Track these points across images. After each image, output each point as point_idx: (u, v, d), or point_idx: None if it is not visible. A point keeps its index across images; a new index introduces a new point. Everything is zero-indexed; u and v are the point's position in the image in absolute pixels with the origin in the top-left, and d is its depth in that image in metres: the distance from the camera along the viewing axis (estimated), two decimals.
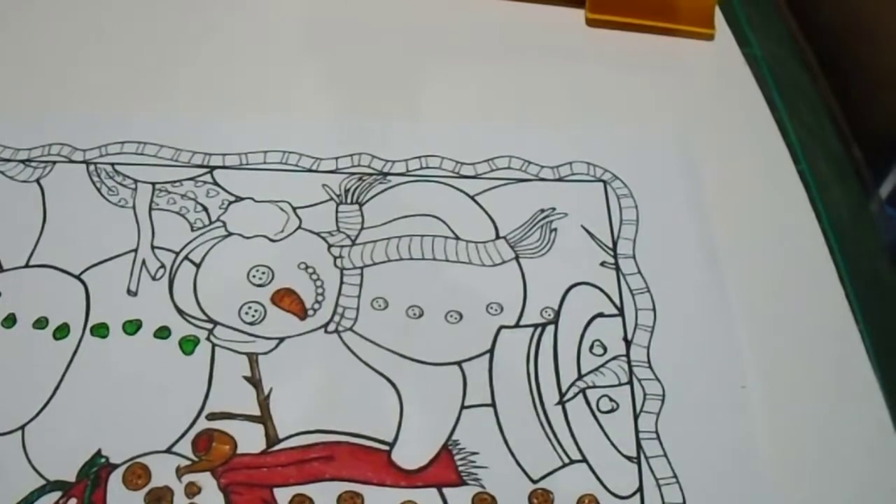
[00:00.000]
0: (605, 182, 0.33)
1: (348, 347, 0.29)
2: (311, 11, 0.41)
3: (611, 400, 0.28)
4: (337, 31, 0.40)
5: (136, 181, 0.33)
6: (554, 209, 0.32)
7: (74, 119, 0.36)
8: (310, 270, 0.31)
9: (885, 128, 0.54)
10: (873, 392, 0.28)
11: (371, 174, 0.34)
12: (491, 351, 0.29)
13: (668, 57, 0.38)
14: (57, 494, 0.26)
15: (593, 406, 0.28)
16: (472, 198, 0.33)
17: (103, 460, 0.26)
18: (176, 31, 0.40)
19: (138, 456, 0.27)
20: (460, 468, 0.26)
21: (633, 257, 0.31)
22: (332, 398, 0.28)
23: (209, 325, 0.29)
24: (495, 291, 0.30)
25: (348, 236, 0.32)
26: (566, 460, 0.27)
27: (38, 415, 0.27)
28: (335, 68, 0.38)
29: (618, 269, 0.31)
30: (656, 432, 0.27)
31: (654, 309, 0.30)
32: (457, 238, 0.32)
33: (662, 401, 0.28)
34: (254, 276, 0.31)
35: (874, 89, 0.41)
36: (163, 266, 0.31)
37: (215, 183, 0.33)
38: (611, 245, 0.31)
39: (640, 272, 0.31)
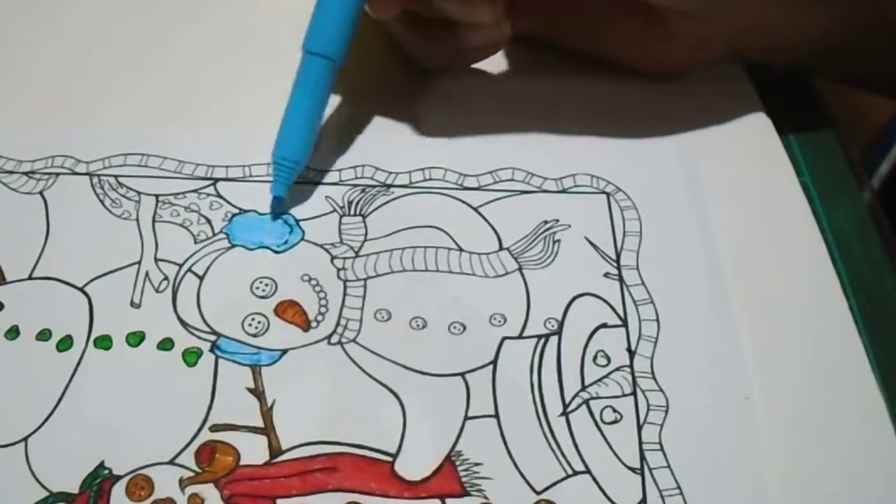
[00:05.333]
0: (608, 194, 0.33)
1: (351, 359, 0.29)
2: None
3: (614, 411, 0.28)
4: None
5: (139, 193, 0.33)
6: (557, 221, 0.32)
7: (78, 131, 0.36)
8: (313, 282, 0.31)
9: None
10: (877, 403, 0.28)
11: (374, 186, 0.34)
12: (494, 362, 0.29)
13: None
14: None
15: (597, 417, 0.28)
16: (476, 209, 0.33)
17: (106, 472, 0.26)
18: (179, 43, 0.40)
19: (141, 468, 0.27)
20: (463, 479, 0.26)
21: (637, 268, 0.31)
22: (335, 409, 0.28)
23: (212, 337, 0.29)
24: (499, 303, 0.30)
25: (351, 248, 0.32)
26: (569, 471, 0.27)
27: (41, 426, 0.27)
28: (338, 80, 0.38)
29: (621, 280, 0.31)
30: (660, 443, 0.27)
31: (657, 320, 0.30)
32: (460, 249, 0.32)
33: (666, 412, 0.28)
34: (257, 288, 0.31)
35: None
36: (166, 278, 0.31)
37: (219, 195, 0.33)
38: (614, 256, 0.31)
39: (643, 283, 0.31)
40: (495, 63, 0.37)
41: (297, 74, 0.33)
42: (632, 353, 0.29)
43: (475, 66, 0.38)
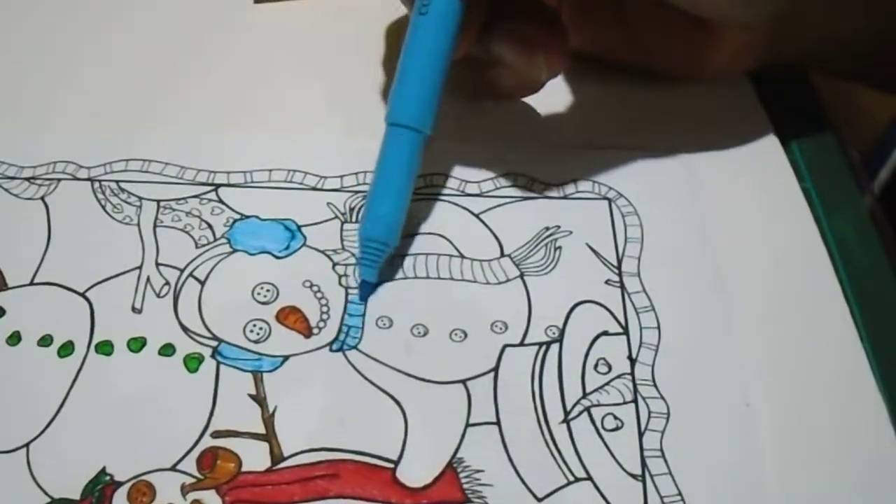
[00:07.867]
0: (609, 200, 0.33)
1: (353, 366, 0.29)
2: (316, 29, 0.41)
3: (615, 418, 0.28)
4: (342, 48, 0.40)
5: (140, 198, 0.34)
6: (559, 227, 0.32)
7: (79, 136, 0.36)
8: (314, 288, 0.31)
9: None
10: (878, 409, 0.28)
11: None
12: (496, 369, 0.29)
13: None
14: None
15: (598, 424, 0.28)
16: (477, 216, 0.33)
17: (108, 478, 0.26)
18: (180, 48, 0.40)
19: (143, 474, 0.27)
20: (465, 486, 0.26)
21: (638, 275, 0.31)
22: (336, 416, 0.28)
23: (214, 343, 0.29)
24: (500, 310, 0.30)
25: (353, 255, 0.32)
26: (571, 478, 0.27)
27: (42, 432, 0.27)
28: (340, 86, 0.38)
29: (622, 287, 0.31)
30: (661, 450, 0.27)
31: (658, 327, 0.30)
32: (461, 256, 0.32)
33: (667, 419, 0.28)
34: (259, 294, 0.31)
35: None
36: (167, 283, 0.31)
37: (220, 200, 0.33)
38: (615, 263, 0.31)
39: (644, 290, 0.31)
40: None
41: (384, 148, 0.30)
42: (633, 361, 0.29)
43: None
